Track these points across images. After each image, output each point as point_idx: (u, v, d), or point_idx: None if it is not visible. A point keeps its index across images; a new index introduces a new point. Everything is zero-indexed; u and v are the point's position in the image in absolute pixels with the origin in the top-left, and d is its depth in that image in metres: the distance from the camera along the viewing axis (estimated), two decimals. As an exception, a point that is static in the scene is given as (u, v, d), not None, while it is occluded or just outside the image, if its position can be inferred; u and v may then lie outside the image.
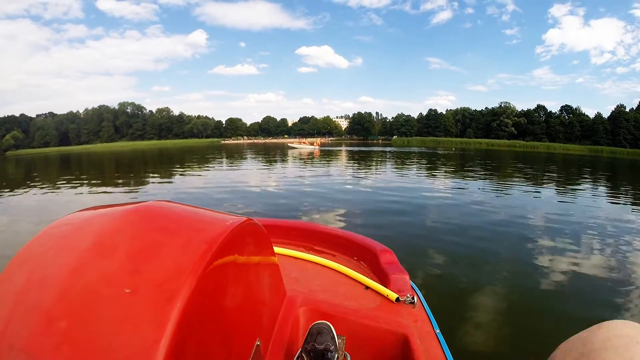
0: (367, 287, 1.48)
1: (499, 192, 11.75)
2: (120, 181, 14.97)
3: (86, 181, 14.83)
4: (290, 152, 35.16)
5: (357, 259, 1.80)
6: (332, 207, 8.39)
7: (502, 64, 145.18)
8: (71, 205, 8.62)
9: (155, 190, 12.14)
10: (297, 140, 56.87)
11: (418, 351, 1.07)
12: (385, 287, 1.46)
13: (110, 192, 11.42)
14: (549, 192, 12.33)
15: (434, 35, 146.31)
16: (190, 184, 13.07)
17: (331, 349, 0.93)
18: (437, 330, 1.24)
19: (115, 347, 0.53)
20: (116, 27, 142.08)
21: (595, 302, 3.78)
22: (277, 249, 1.60)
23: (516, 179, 15.76)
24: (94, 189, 12.44)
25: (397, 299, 1.36)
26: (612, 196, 11.95)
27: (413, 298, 1.36)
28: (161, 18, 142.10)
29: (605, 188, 14.27)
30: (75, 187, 12.75)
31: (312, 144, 43.59)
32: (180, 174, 17.15)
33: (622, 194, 12.79)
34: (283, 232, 2.02)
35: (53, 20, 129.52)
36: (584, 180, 17.17)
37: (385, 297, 1.39)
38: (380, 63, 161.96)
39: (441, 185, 12.89)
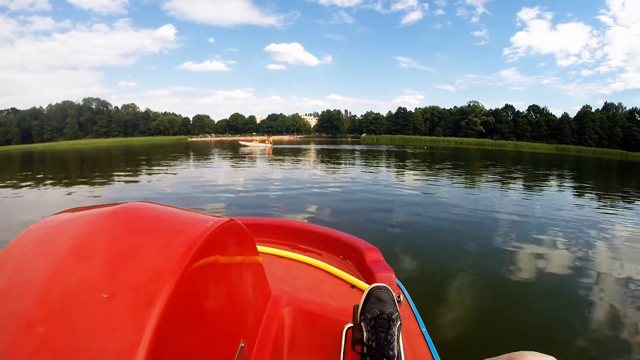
0: (352, 286, 1.47)
1: (478, 191, 11.84)
2: (85, 180, 14.16)
3: (50, 181, 13.73)
4: (242, 150, 34.38)
5: (342, 258, 1.78)
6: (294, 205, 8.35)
7: (470, 65, 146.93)
8: (37, 207, 8.35)
9: (123, 190, 11.58)
10: (248, 138, 55.02)
11: (404, 350, 1.07)
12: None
13: (75, 192, 10.85)
14: (534, 189, 12.75)
15: (404, 34, 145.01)
16: (157, 184, 12.58)
17: (394, 315, 0.91)
18: (424, 329, 1.24)
19: (94, 353, 0.53)
20: (84, 20, 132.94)
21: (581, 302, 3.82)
22: (261, 248, 1.62)
23: (492, 178, 16.16)
24: (60, 189, 11.58)
25: None
26: (577, 192, 12.83)
27: (399, 297, 1.30)
28: (130, 12, 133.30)
29: (571, 185, 15.33)
30: (39, 188, 11.85)
31: (263, 141, 42.36)
32: (147, 173, 16.36)
33: (587, 190, 13.71)
34: (268, 231, 1.98)
35: (19, 11, 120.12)
36: (553, 177, 18.18)
37: None
38: (350, 61, 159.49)
39: (411, 185, 12.66)
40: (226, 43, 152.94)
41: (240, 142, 45.01)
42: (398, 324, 0.90)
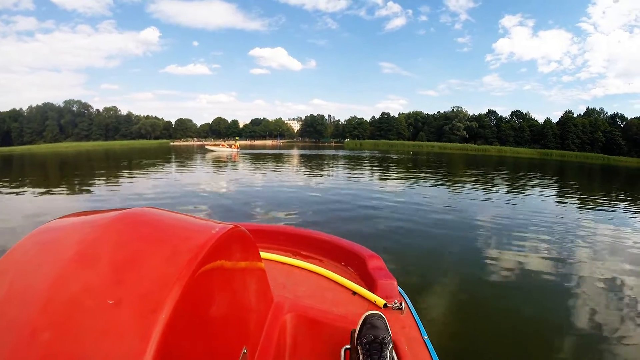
0: (354, 293, 1.46)
1: (492, 200, 11.00)
2: (66, 185, 13.21)
3: (29, 185, 12.84)
4: (208, 155, 33.27)
5: (344, 264, 1.78)
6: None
7: (453, 70, 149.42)
8: (15, 215, 7.62)
9: (106, 196, 10.34)
10: (215, 143, 54.19)
11: (406, 357, 1.08)
12: (372, 293, 1.44)
13: (58, 196, 10.37)
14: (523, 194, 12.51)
15: (387, 40, 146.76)
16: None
17: (387, 340, 0.98)
18: (425, 337, 1.23)
19: None
20: (67, 21, 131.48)
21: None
22: (263, 254, 1.59)
23: (485, 184, 15.52)
24: (42, 196, 10.55)
25: (385, 305, 1.35)
26: (560, 196, 13.04)
27: (401, 304, 1.35)
28: (115, 13, 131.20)
29: (555, 189, 15.45)
30: (17, 194, 10.91)
31: (230, 146, 40.96)
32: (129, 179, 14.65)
33: (569, 194, 13.80)
34: (270, 237, 1.99)
35: (2, 11, 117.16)
36: (540, 181, 18.25)
37: (373, 303, 1.38)
38: (334, 67, 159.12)
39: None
40: (210, 47, 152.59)
41: (206, 146, 44.15)
42: (390, 346, 0.97)
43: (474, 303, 3.80)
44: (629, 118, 70.85)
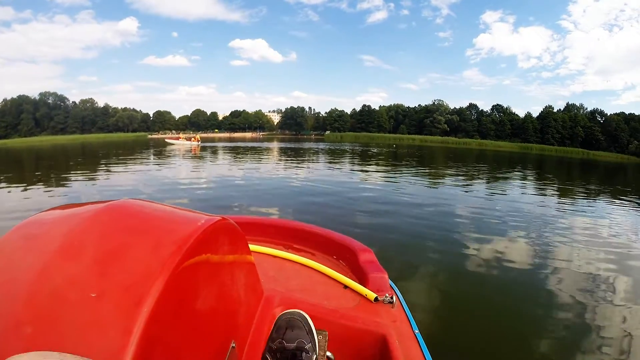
0: (346, 287, 1.47)
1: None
2: (43, 182, 11.82)
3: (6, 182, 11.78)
4: (167, 148, 32.00)
5: (336, 258, 1.78)
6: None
7: (433, 64, 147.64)
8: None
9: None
10: (174, 136, 52.82)
11: (396, 351, 1.08)
12: (364, 286, 1.44)
13: (35, 192, 9.49)
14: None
15: (369, 33, 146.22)
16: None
17: (306, 347, 0.79)
18: (416, 331, 1.24)
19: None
20: (45, 11, 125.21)
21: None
22: (254, 247, 1.63)
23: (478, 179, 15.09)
24: (20, 192, 9.49)
25: (376, 299, 1.35)
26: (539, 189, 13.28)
27: (392, 298, 1.35)
28: (93, 3, 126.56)
29: (535, 181, 15.87)
30: None
31: (189, 139, 39.77)
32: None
33: (548, 187, 14.15)
34: (260, 230, 1.98)
35: None
36: (524, 174, 18.66)
37: (364, 297, 1.38)
38: (315, 59, 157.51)
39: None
40: (190, 38, 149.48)
41: (166, 140, 42.55)
42: (314, 357, 0.79)
43: (461, 296, 3.83)
44: (608, 114, 71.35)
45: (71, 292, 0.60)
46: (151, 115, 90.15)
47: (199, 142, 37.72)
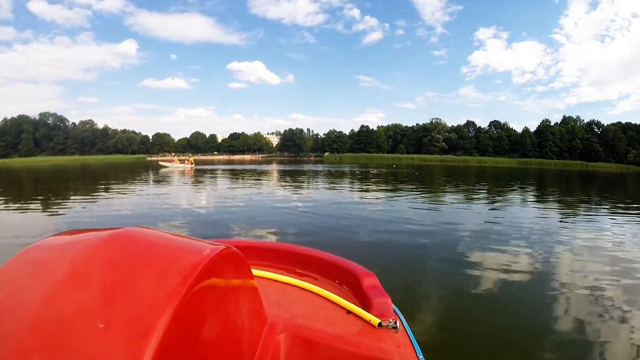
0: (349, 312, 1.43)
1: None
2: (43, 204, 11.72)
3: (7, 203, 11.88)
4: (161, 170, 32.26)
5: (338, 282, 1.75)
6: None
7: (429, 83, 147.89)
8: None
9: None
10: (168, 158, 52.77)
11: None
12: (367, 311, 1.41)
13: (38, 214, 9.35)
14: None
15: (365, 54, 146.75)
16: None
17: None
18: (421, 356, 1.22)
19: None
20: (46, 32, 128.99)
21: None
22: (257, 272, 1.62)
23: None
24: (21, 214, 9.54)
25: (380, 324, 1.32)
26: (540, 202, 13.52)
27: (395, 323, 1.32)
28: (94, 25, 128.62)
29: (535, 197, 15.88)
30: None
31: (183, 162, 39.70)
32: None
33: (549, 200, 14.28)
34: (263, 254, 1.95)
35: None
36: (524, 190, 18.64)
37: (368, 322, 1.35)
38: (312, 80, 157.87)
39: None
40: (188, 60, 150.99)
41: (159, 162, 42.57)
42: None
43: (466, 317, 3.78)
44: (605, 125, 71.91)
45: (79, 321, 0.60)
46: (150, 138, 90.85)
47: (193, 165, 37.93)
